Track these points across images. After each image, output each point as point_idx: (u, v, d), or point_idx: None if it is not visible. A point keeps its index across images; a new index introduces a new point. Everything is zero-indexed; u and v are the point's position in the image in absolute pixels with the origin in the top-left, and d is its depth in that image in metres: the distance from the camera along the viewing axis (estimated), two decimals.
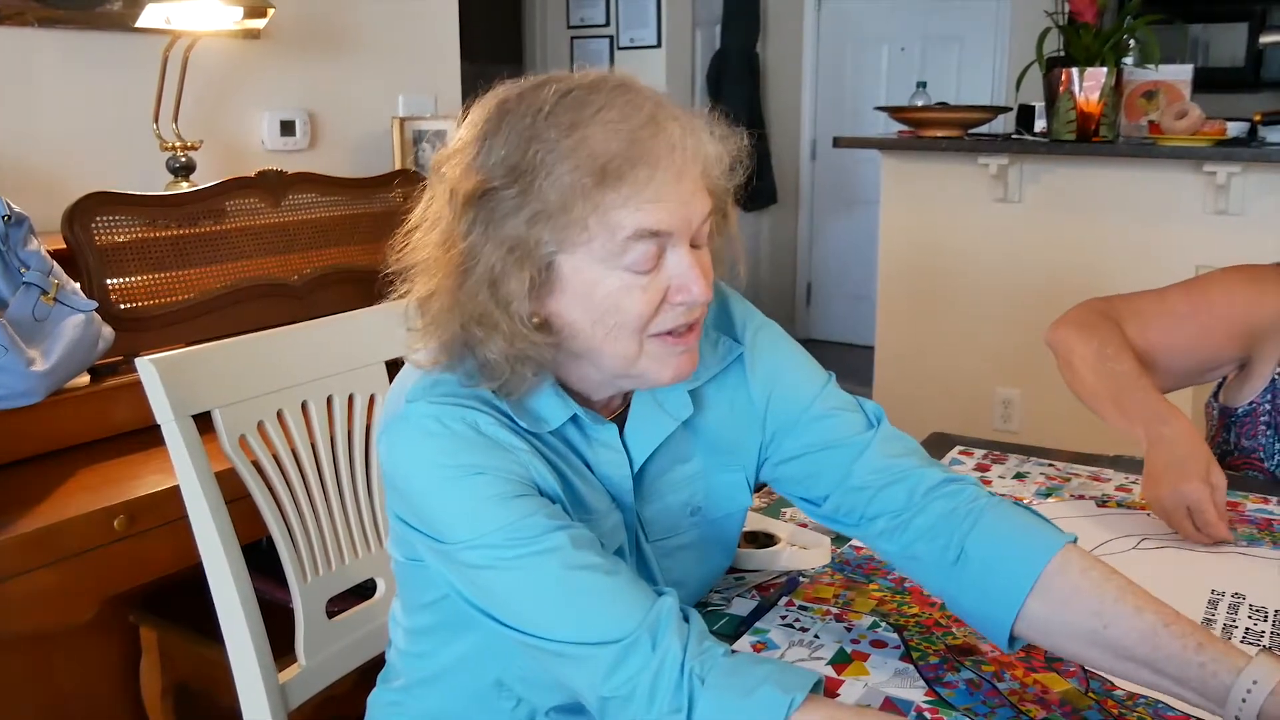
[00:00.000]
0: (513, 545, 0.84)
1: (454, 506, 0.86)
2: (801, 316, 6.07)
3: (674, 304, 0.87)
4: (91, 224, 1.88)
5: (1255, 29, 4.63)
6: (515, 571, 0.84)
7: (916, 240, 3.29)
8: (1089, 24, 2.73)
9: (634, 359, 0.88)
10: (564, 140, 0.82)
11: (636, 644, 0.80)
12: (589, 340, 0.87)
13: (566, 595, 0.83)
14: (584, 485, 0.93)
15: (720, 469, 1.01)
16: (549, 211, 0.83)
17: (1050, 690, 0.90)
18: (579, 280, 0.85)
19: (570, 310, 0.86)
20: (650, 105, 0.85)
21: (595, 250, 0.84)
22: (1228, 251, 2.61)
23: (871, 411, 1.02)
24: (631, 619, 0.81)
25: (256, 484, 1.30)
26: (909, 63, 5.42)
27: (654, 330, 0.87)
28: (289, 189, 2.22)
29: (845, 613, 1.03)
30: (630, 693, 0.80)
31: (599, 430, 0.94)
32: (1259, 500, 1.32)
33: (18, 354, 1.60)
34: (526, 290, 0.84)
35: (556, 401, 0.91)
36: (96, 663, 1.86)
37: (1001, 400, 3.20)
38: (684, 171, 0.85)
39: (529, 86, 0.88)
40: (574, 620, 0.83)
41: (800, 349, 1.06)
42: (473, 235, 0.85)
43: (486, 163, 0.85)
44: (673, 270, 0.86)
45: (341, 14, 2.76)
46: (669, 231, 0.85)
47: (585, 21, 4.99)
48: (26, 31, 2.17)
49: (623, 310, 0.85)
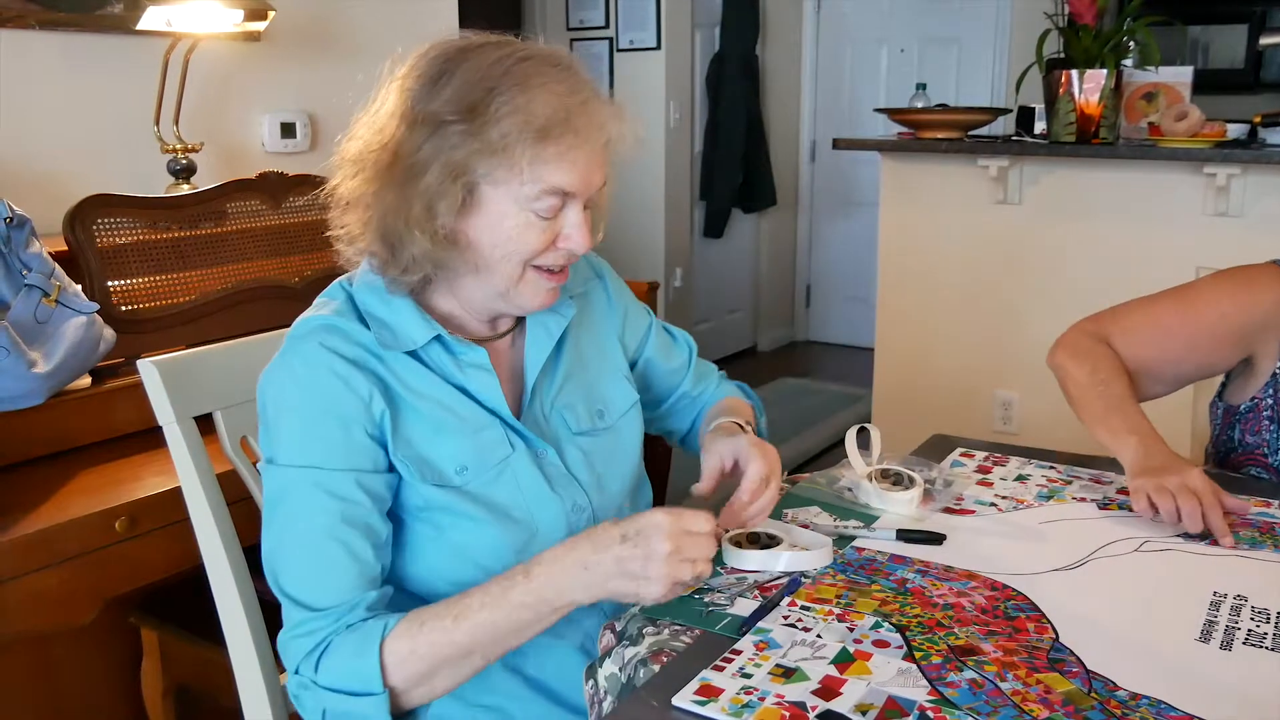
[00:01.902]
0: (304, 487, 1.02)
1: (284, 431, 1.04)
2: (801, 318, 6.07)
3: (559, 248, 1.07)
4: (93, 226, 1.88)
5: (1255, 30, 4.64)
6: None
7: (916, 242, 3.29)
8: (1089, 26, 2.73)
9: (515, 282, 1.07)
10: (517, 97, 1.00)
11: (324, 615, 1.00)
12: (486, 259, 1.05)
13: (311, 555, 1.01)
14: (450, 401, 1.08)
15: (606, 378, 1.24)
16: (491, 149, 1.00)
17: (1053, 690, 0.90)
18: (494, 209, 1.04)
19: (478, 231, 1.04)
20: (587, 89, 1.05)
21: (514, 190, 1.02)
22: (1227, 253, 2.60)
23: (685, 343, 1.39)
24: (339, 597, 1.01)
25: (258, 485, 1.30)
26: (908, 64, 5.42)
27: (537, 263, 1.07)
28: (290, 191, 2.22)
29: (847, 613, 1.03)
30: (295, 650, 1.01)
31: (467, 352, 1.10)
32: (1261, 504, 1.32)
33: (19, 356, 1.61)
34: (452, 207, 1.02)
35: (420, 323, 1.08)
36: (98, 664, 1.86)
37: (1001, 402, 3.20)
38: (598, 147, 1.05)
39: (484, 41, 1.06)
40: (297, 574, 1.02)
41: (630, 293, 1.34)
42: (421, 153, 1.01)
43: (440, 94, 1.02)
44: (567, 222, 1.06)
45: (342, 16, 2.77)
46: (574, 192, 1.04)
47: (584, 23, 4.99)
48: (27, 34, 2.17)
49: (520, 242, 1.04)
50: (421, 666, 0.98)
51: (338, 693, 0.98)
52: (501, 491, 1.09)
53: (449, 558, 1.08)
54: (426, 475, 1.06)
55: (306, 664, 1.00)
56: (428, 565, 1.09)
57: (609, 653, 1.01)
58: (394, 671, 0.98)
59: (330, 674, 0.99)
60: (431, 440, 1.07)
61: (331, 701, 0.99)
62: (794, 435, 4.29)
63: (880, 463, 1.35)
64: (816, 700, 0.88)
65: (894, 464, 1.35)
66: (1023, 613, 1.04)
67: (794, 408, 4.68)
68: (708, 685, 0.90)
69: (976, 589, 1.09)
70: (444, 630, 0.98)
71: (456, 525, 1.07)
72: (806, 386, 5.06)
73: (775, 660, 0.95)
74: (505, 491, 1.09)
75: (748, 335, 5.83)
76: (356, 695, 0.98)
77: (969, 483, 1.39)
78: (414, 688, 0.99)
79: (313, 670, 0.99)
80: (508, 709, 1.14)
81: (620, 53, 4.91)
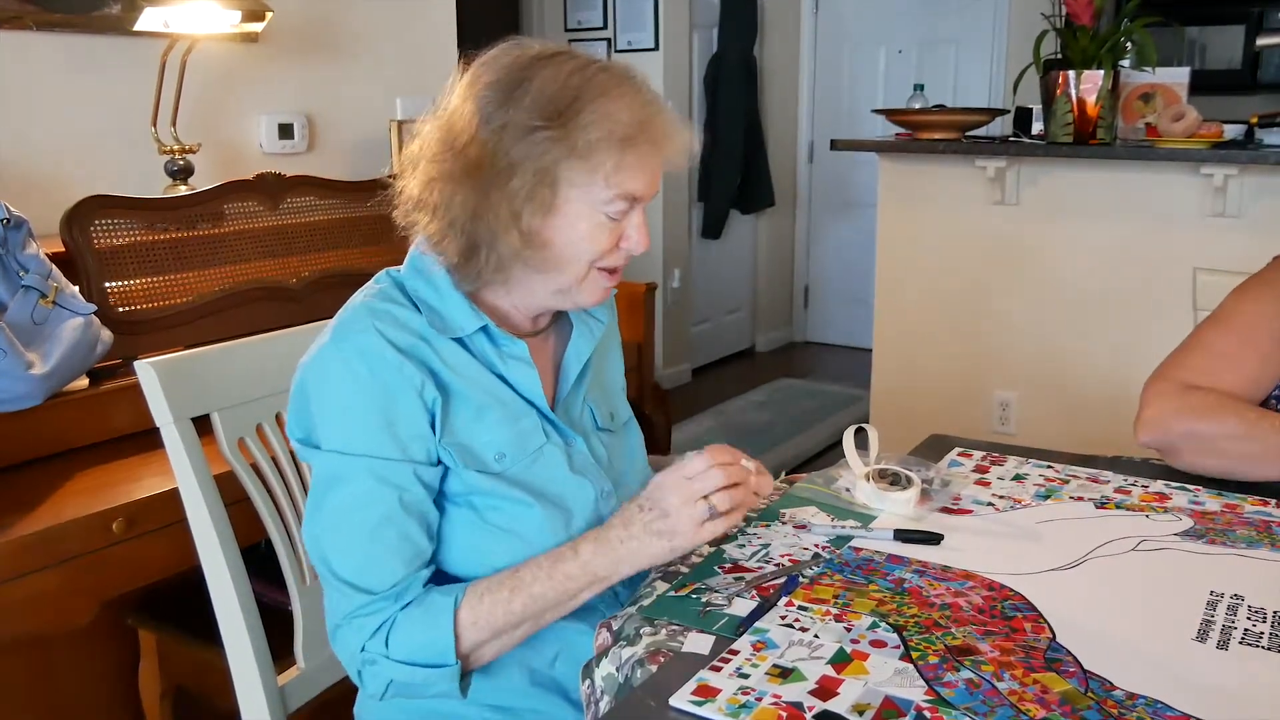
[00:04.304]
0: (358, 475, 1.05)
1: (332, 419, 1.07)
2: (799, 319, 6.08)
3: (622, 249, 1.12)
4: (90, 227, 1.88)
5: (1252, 31, 4.64)
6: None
7: (914, 243, 3.29)
8: (1086, 26, 2.73)
9: (579, 281, 1.12)
10: (603, 105, 1.05)
11: (384, 597, 1.05)
12: (558, 258, 1.09)
13: (369, 543, 1.05)
14: (493, 388, 1.12)
15: (614, 387, 1.31)
16: (577, 154, 1.04)
17: (1050, 690, 0.90)
18: (571, 211, 1.07)
19: (555, 231, 1.08)
20: (658, 101, 1.10)
21: (592, 194, 1.07)
22: (1225, 254, 2.61)
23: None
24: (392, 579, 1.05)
25: (255, 487, 1.30)
26: (906, 65, 5.42)
27: (600, 264, 1.11)
28: (287, 192, 2.22)
29: (845, 613, 1.03)
30: (359, 629, 1.05)
31: (510, 345, 1.13)
32: (1258, 503, 1.32)
33: (16, 357, 1.60)
34: (537, 209, 1.06)
35: (469, 313, 1.11)
36: (95, 665, 1.86)
37: (999, 402, 3.20)
38: (664, 157, 1.10)
39: (554, 50, 1.09)
40: (355, 561, 1.05)
41: None
42: (510, 156, 1.05)
43: (520, 101, 1.05)
44: (630, 224, 1.11)
45: (339, 17, 2.77)
46: (642, 197, 1.09)
47: (583, 24, 4.99)
48: (25, 35, 2.17)
49: (592, 242, 1.09)
50: (481, 636, 1.06)
51: (411, 665, 1.04)
52: (538, 476, 1.13)
53: (490, 539, 1.11)
54: (469, 462, 1.09)
55: (375, 641, 1.04)
56: (469, 546, 1.11)
57: (605, 652, 1.01)
58: (463, 639, 1.05)
59: (402, 648, 1.04)
60: (473, 427, 1.10)
61: (402, 673, 1.05)
62: (792, 436, 4.29)
63: (878, 463, 1.35)
64: (814, 700, 0.88)
65: (892, 464, 1.35)
66: (1020, 612, 1.04)
67: (792, 408, 4.69)
68: (705, 685, 0.90)
69: (974, 589, 1.09)
70: (502, 602, 1.05)
71: (498, 509, 1.10)
72: (804, 387, 5.07)
73: (772, 660, 0.94)
74: (541, 477, 1.13)
75: (746, 336, 5.83)
76: (430, 667, 1.04)
77: (966, 482, 1.39)
78: (470, 654, 1.06)
79: (383, 646, 1.04)
80: (518, 709, 1.15)
81: (618, 53, 4.90)
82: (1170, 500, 1.33)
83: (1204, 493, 1.35)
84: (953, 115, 3.21)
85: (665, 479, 1.05)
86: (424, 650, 1.04)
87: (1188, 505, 1.31)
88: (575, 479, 1.15)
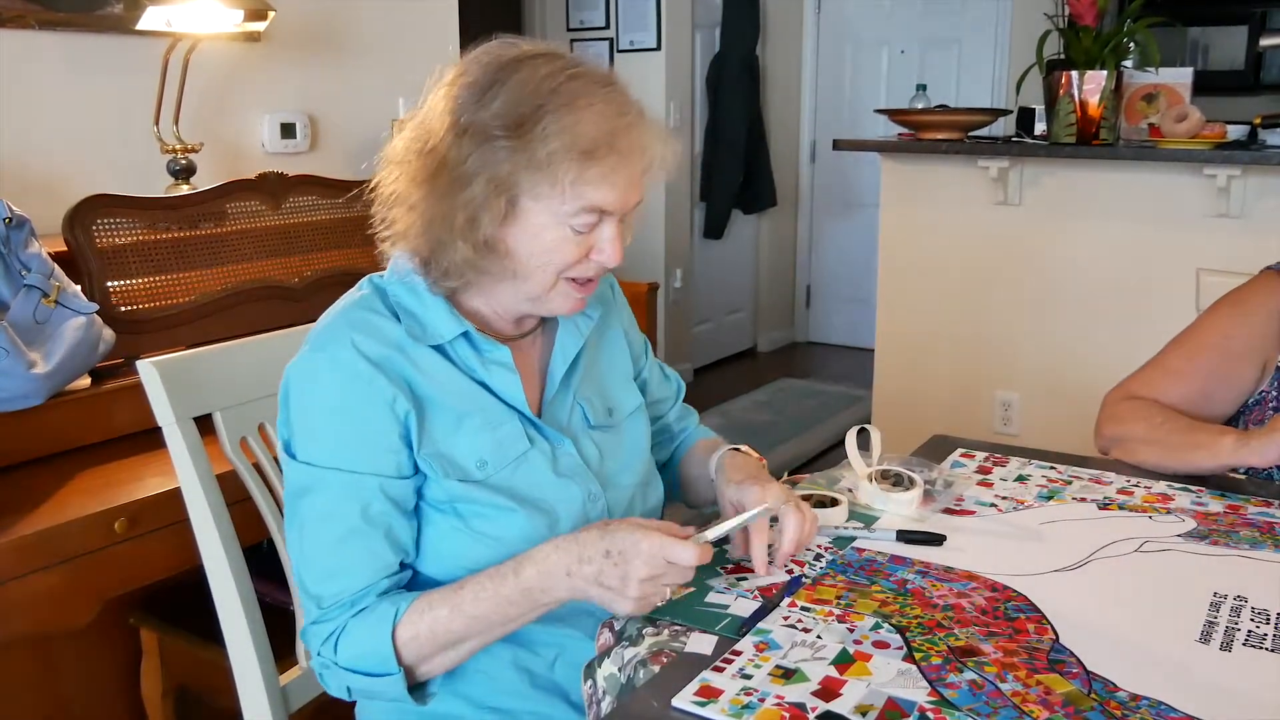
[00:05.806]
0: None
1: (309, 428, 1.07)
2: (801, 319, 6.07)
3: (592, 260, 1.10)
4: (92, 226, 1.88)
5: (1255, 32, 4.63)
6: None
7: (916, 243, 3.29)
8: (1089, 27, 2.73)
9: (547, 290, 1.10)
10: (565, 116, 1.02)
11: (338, 607, 1.05)
12: (522, 267, 1.08)
13: (330, 555, 1.05)
14: (472, 395, 1.11)
15: (615, 380, 1.28)
16: (536, 165, 1.02)
17: (1053, 691, 0.90)
18: (533, 222, 1.06)
19: (517, 241, 1.07)
20: (634, 111, 1.07)
21: (554, 206, 1.05)
22: (1227, 254, 2.61)
23: (676, 381, 1.44)
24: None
25: (257, 486, 1.30)
26: (909, 65, 5.42)
27: (569, 275, 1.10)
28: (289, 191, 2.22)
29: (847, 614, 1.03)
30: (315, 635, 1.06)
31: (492, 350, 1.12)
32: (1261, 504, 1.32)
33: (19, 356, 1.60)
34: (494, 219, 1.05)
35: (450, 319, 1.11)
36: (97, 665, 1.86)
37: (1001, 403, 3.20)
38: (638, 168, 1.07)
39: (535, 52, 1.07)
40: (317, 571, 1.06)
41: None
42: (467, 165, 1.04)
43: (489, 106, 1.03)
44: (601, 237, 1.08)
45: (342, 17, 2.77)
46: (612, 211, 1.07)
47: (585, 24, 4.99)
48: (27, 34, 2.17)
49: (556, 254, 1.07)
50: (423, 650, 1.05)
51: (356, 673, 1.05)
52: (521, 482, 1.12)
53: (476, 545, 1.10)
54: (450, 472, 1.09)
55: (327, 647, 1.06)
56: (455, 553, 1.11)
57: (607, 652, 1.01)
58: (404, 652, 1.04)
59: (349, 656, 1.05)
60: (452, 436, 1.09)
61: (354, 680, 1.06)
62: (794, 436, 4.29)
63: (880, 463, 1.35)
64: (816, 701, 0.88)
65: (894, 465, 1.35)
66: (1023, 613, 1.04)
67: (794, 409, 4.68)
68: (708, 686, 0.90)
69: (976, 590, 1.09)
70: (442, 620, 1.04)
71: (482, 515, 1.10)
72: (806, 387, 5.06)
73: (775, 661, 0.94)
74: (525, 482, 1.12)
75: (748, 336, 5.83)
76: (375, 675, 1.05)
77: (969, 483, 1.39)
78: (420, 665, 1.06)
79: (333, 652, 1.06)
80: (516, 711, 1.14)
81: (620, 53, 4.90)
82: (1173, 501, 1.32)
83: (1207, 494, 1.35)
84: (955, 115, 3.21)
85: (647, 547, 0.98)
86: (366, 659, 1.04)
87: (1190, 506, 1.31)
88: (561, 483, 1.14)
